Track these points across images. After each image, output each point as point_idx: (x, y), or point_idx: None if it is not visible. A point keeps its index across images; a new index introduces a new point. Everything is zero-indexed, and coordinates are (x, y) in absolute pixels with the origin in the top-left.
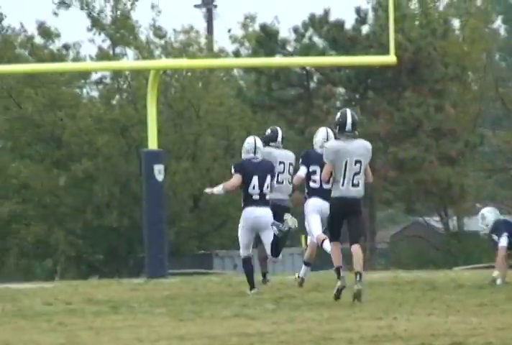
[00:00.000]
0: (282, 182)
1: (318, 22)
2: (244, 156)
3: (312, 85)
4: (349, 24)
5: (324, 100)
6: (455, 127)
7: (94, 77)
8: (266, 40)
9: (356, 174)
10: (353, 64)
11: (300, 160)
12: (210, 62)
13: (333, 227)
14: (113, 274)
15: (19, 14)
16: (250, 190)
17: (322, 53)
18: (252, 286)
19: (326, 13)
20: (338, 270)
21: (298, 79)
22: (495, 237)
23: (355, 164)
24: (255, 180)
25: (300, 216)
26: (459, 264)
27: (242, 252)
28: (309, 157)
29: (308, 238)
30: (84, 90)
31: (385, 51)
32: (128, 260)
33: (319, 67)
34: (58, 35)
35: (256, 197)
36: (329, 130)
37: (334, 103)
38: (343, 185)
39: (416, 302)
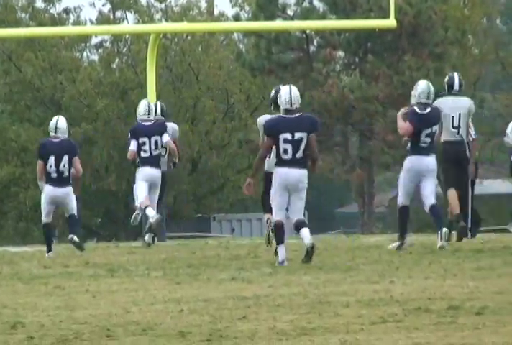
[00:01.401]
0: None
1: None
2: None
3: (312, 48)
4: None
5: (324, 63)
6: None
7: (94, 41)
8: (266, 4)
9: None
10: (353, 27)
11: (129, 135)
12: (210, 25)
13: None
14: (110, 237)
15: None
16: (48, 168)
17: (322, 17)
18: (49, 249)
19: None
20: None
21: (297, 43)
22: None
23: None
24: (52, 159)
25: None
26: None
27: (44, 219)
28: (137, 131)
29: None
30: (84, 54)
31: (385, 15)
32: (126, 223)
33: (319, 31)
34: None
35: (54, 175)
36: (148, 102)
37: (333, 67)
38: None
39: (413, 266)
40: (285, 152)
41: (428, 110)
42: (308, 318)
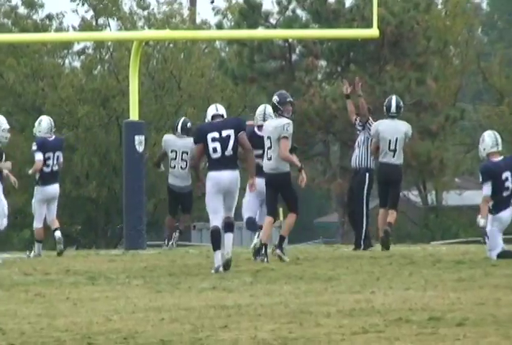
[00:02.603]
0: (174, 167)
1: None
2: None
3: (294, 57)
4: None
5: (306, 72)
6: (436, 101)
7: (76, 47)
8: (249, 12)
9: (268, 148)
10: (336, 37)
11: (35, 148)
12: (193, 33)
13: (267, 201)
14: (90, 245)
15: None
16: None
17: (305, 26)
18: None
19: None
20: (264, 246)
21: (280, 51)
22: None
23: (267, 139)
24: None
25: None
26: (436, 239)
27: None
28: (45, 145)
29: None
30: (66, 61)
31: (368, 24)
32: (105, 231)
33: (302, 40)
34: (42, 5)
35: None
36: (50, 119)
37: (315, 76)
38: (263, 159)
39: (394, 277)
40: (214, 150)
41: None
42: (290, 327)
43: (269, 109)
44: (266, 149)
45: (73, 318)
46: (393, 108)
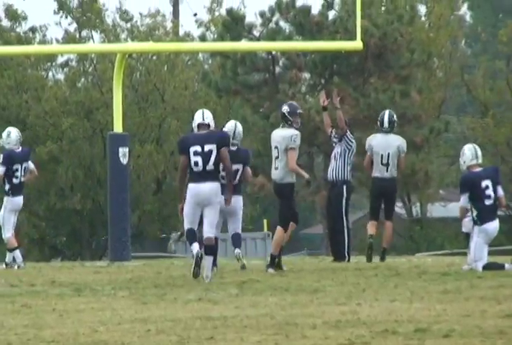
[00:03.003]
0: None
1: (285, 7)
2: None
3: (277, 69)
4: (316, 9)
5: (290, 85)
6: (420, 113)
7: (60, 60)
8: (232, 25)
9: (276, 158)
10: (319, 49)
11: (1, 160)
12: (176, 46)
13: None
14: (75, 256)
15: None
16: None
17: (288, 38)
18: None
19: None
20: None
21: (263, 64)
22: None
23: (274, 148)
24: None
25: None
26: (421, 251)
27: None
28: (12, 158)
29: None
30: (50, 73)
31: (352, 36)
32: (90, 243)
33: (285, 52)
34: (25, 18)
35: None
36: (18, 131)
37: (299, 88)
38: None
39: (380, 288)
40: (196, 164)
41: (233, 148)
42: (276, 339)
43: (239, 127)
44: (273, 159)
45: (60, 329)
46: (386, 123)
